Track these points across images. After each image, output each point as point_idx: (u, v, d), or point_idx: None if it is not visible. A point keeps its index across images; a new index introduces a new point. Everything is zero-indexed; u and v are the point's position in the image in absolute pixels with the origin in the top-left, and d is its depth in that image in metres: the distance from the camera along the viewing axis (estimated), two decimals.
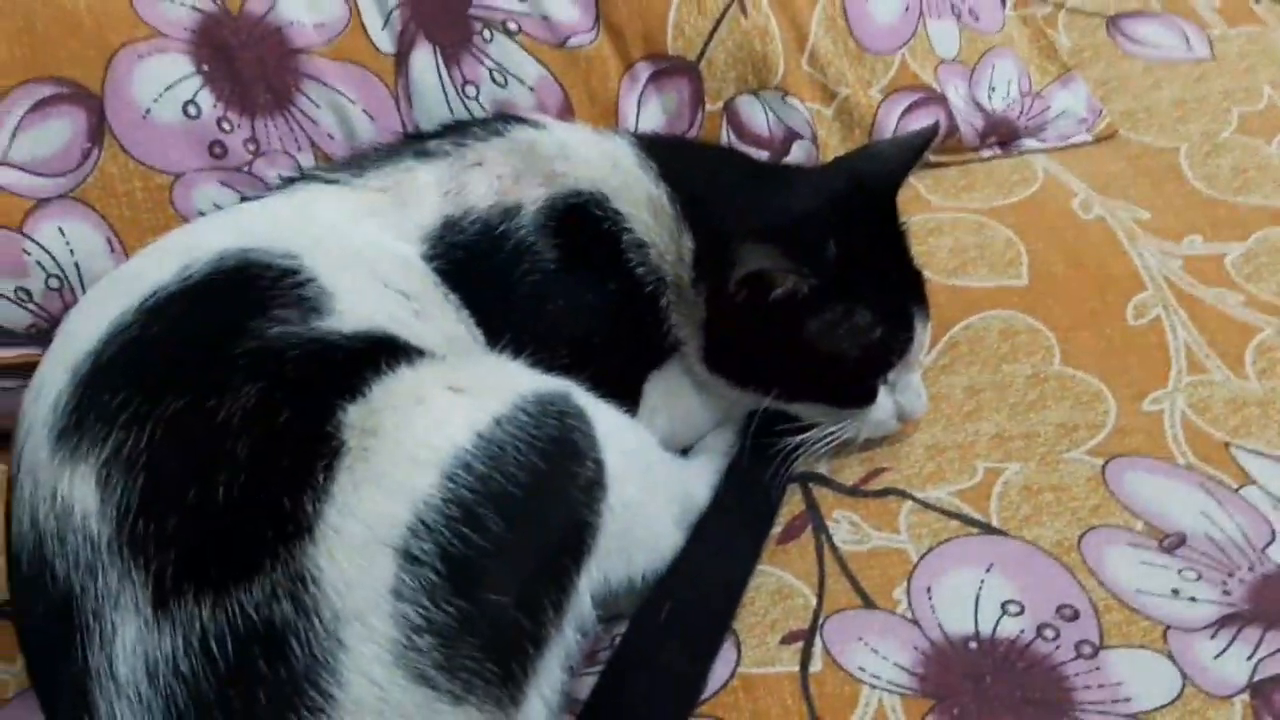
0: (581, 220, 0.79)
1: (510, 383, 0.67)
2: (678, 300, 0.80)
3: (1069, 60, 1.14)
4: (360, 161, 0.82)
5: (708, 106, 0.96)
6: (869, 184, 0.82)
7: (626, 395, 0.78)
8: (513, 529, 0.62)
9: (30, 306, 0.81)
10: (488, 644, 0.61)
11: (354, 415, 0.63)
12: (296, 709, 0.57)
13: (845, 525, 0.80)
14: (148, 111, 0.83)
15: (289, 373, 0.64)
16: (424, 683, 0.59)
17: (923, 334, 0.81)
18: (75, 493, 0.61)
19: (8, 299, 0.80)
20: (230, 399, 0.62)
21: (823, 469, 0.83)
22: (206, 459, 0.61)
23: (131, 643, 0.58)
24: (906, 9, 1.02)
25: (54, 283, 0.81)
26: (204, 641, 0.57)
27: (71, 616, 0.59)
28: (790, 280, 0.74)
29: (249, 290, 0.68)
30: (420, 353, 0.68)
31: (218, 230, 0.74)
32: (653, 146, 0.83)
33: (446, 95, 0.91)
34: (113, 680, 0.58)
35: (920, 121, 1.01)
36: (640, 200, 0.80)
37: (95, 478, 0.60)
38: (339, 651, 0.58)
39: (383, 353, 0.67)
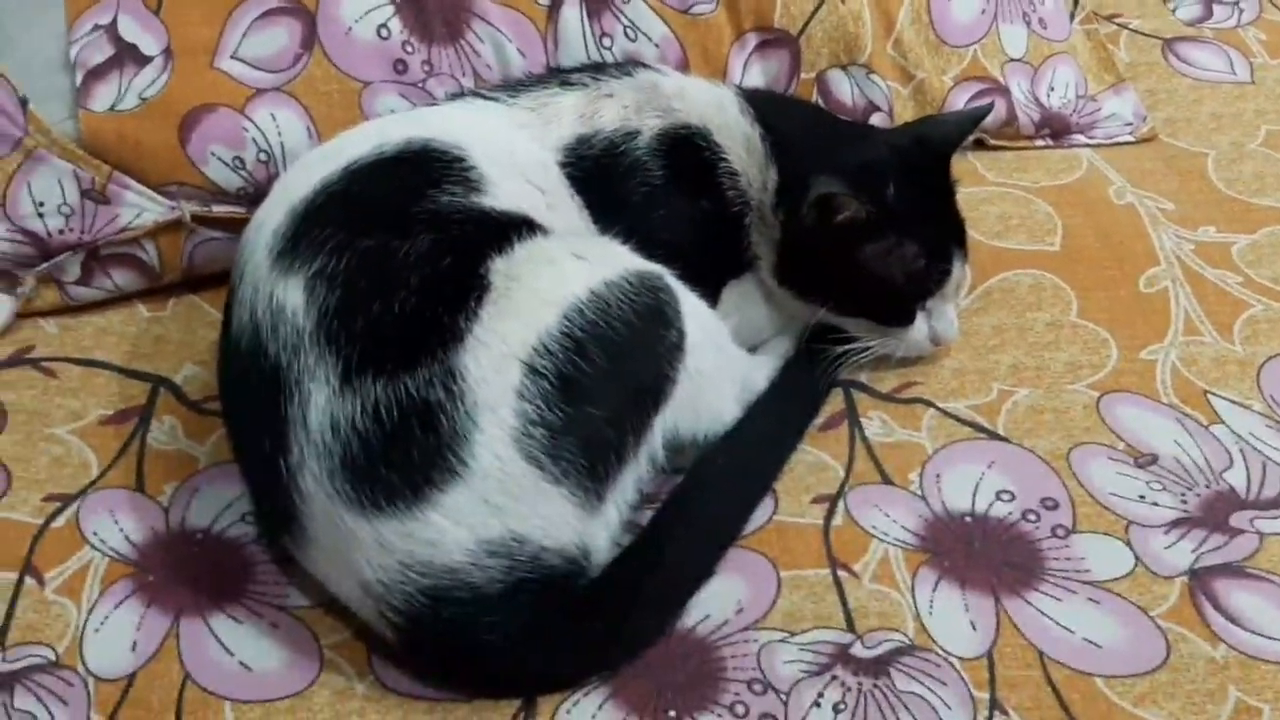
0: (687, 148, 0.97)
1: (620, 259, 0.86)
2: (758, 222, 0.98)
3: (1125, 73, 1.29)
4: (515, 85, 1.01)
5: (802, 76, 1.13)
6: (928, 144, 0.99)
7: (707, 296, 0.94)
8: (609, 364, 0.80)
9: (242, 173, 1.01)
10: (582, 444, 0.78)
11: (500, 264, 0.81)
12: (439, 468, 0.76)
13: (876, 422, 0.96)
14: (350, 29, 1.03)
15: (454, 230, 0.83)
16: (533, 463, 0.77)
17: (960, 272, 0.97)
18: (288, 296, 0.80)
19: (225, 164, 1.01)
20: (409, 243, 0.81)
21: (863, 378, 1.00)
22: (388, 282, 0.79)
23: (322, 404, 0.77)
24: (983, 11, 1.18)
25: (263, 156, 1.01)
26: (375, 408, 0.76)
27: (279, 381, 0.78)
28: (852, 207, 0.91)
29: (428, 167, 0.87)
30: (548, 231, 0.87)
31: (406, 123, 0.94)
32: (753, 97, 1.01)
33: (586, 43, 1.09)
34: (304, 429, 0.77)
35: None
36: (737, 137, 0.98)
37: (304, 286, 0.79)
38: (474, 430, 0.76)
39: (524, 225, 0.85)
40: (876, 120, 1.16)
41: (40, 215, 0.98)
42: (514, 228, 0.84)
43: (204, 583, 0.84)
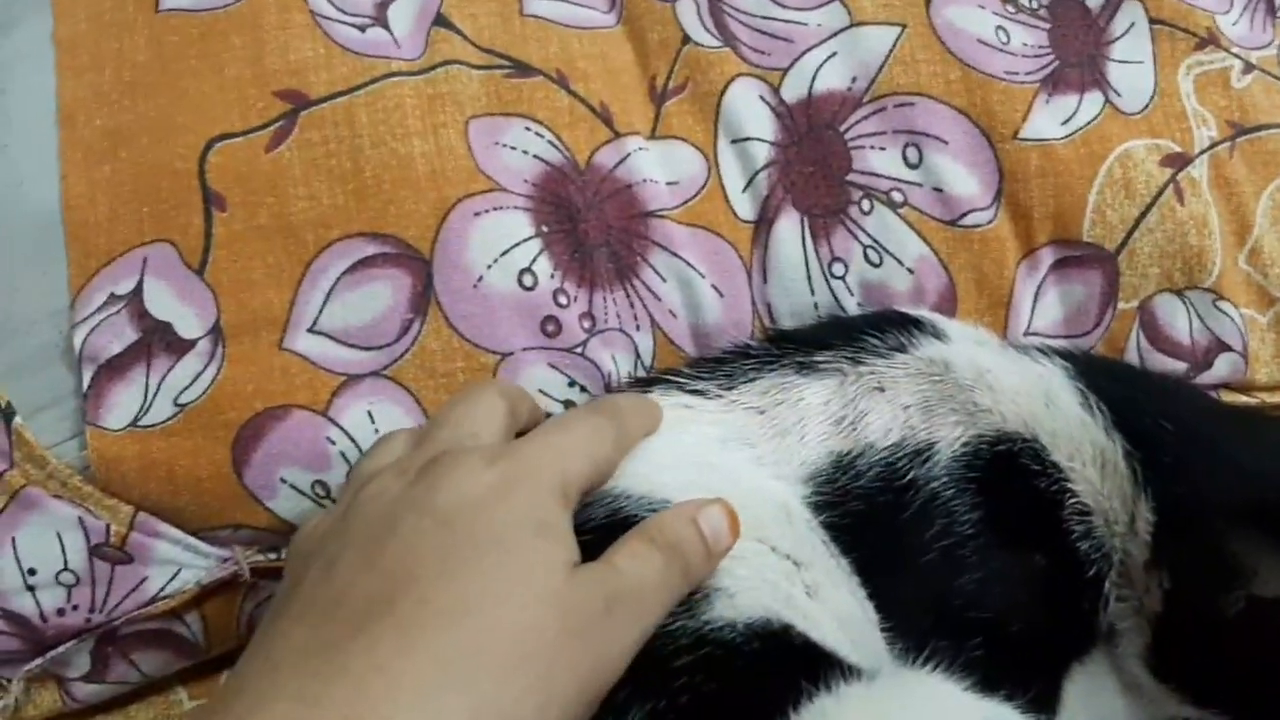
0: (1010, 473, 0.63)
1: (952, 709, 0.51)
2: (1122, 583, 0.63)
3: None
4: (726, 368, 0.67)
5: (1120, 305, 0.79)
6: None
7: (1045, 694, 0.61)
8: None
9: (326, 502, 0.69)
10: None
11: None
12: None
13: None
14: (480, 279, 0.71)
15: (675, 691, 0.50)
16: None
17: None
18: None
19: (302, 493, 0.68)
20: None
21: None
22: None
23: None
24: None
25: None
26: None
27: None
28: None
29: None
30: (828, 660, 0.53)
31: None
32: (1095, 377, 0.66)
33: (809, 271, 0.76)
34: None
35: None
36: (1084, 450, 0.63)
37: None
38: None
39: (791, 662, 0.51)
40: (1223, 365, 0.80)
41: (30, 589, 0.66)
42: (780, 673, 0.50)
43: None
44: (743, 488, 0.60)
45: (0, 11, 0.76)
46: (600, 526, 0.55)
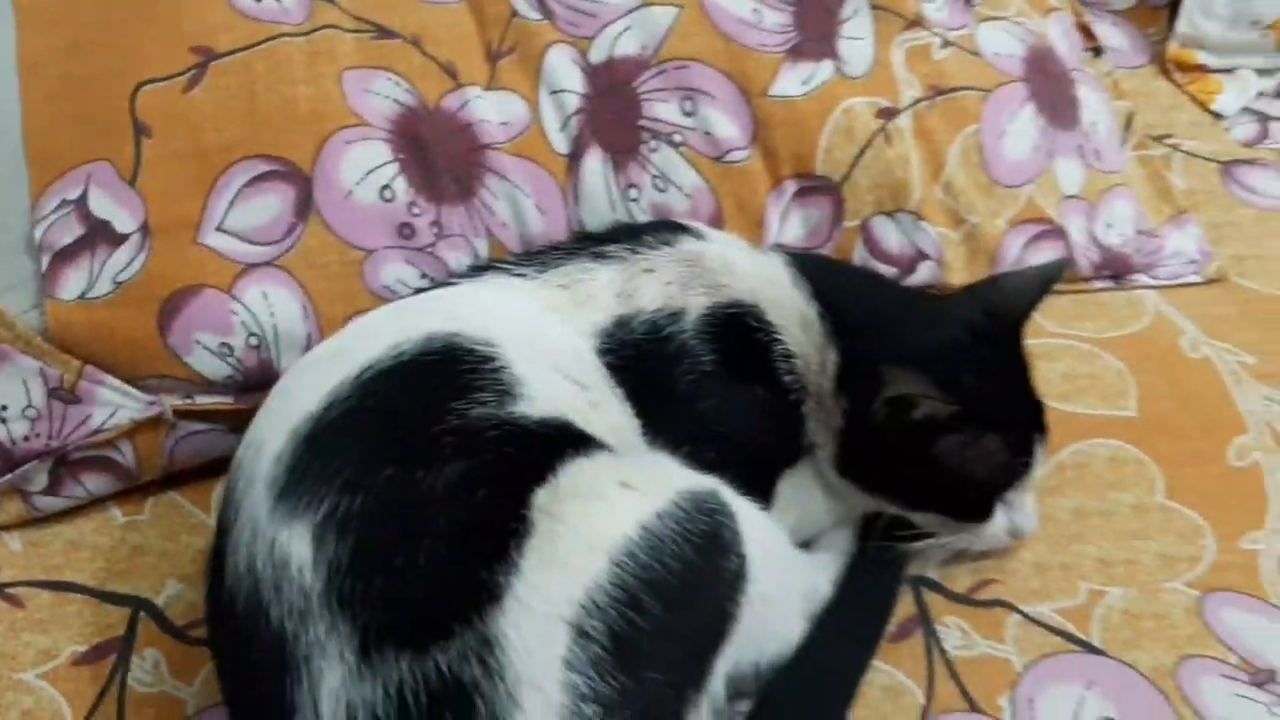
0: (738, 329, 0.86)
1: (670, 480, 0.74)
2: (817, 409, 0.87)
3: (1183, 202, 1.19)
4: (543, 258, 0.90)
5: (845, 223, 1.04)
6: (1001, 316, 0.88)
7: (762, 490, 0.84)
8: (668, 613, 0.69)
9: (230, 360, 0.89)
10: (640, 714, 0.67)
11: (542, 498, 0.70)
12: None
13: (955, 631, 0.86)
14: (349, 193, 0.92)
15: (487, 452, 0.72)
16: None
17: (1041, 459, 0.87)
18: (292, 546, 0.68)
19: (212, 352, 0.89)
20: (435, 473, 0.70)
21: (934, 575, 0.89)
22: (411, 526, 0.68)
23: (335, 687, 0.65)
24: (1036, 148, 1.09)
25: (253, 340, 0.89)
26: (400, 693, 0.64)
27: (283, 657, 0.67)
28: (931, 405, 0.80)
29: (453, 372, 0.76)
30: (593, 442, 0.76)
31: (425, 313, 0.82)
32: (805, 265, 0.91)
33: (610, 195, 0.99)
34: (316, 718, 0.65)
35: (1041, 252, 1.07)
36: (792, 314, 0.87)
37: (310, 535, 0.68)
38: (516, 712, 0.65)
39: (565, 441, 0.74)
40: (925, 269, 1.06)
41: (2, 421, 0.86)
42: (555, 446, 0.73)
43: None
44: (549, 337, 0.83)
45: None
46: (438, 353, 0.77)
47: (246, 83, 0.92)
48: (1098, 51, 1.33)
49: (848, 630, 0.84)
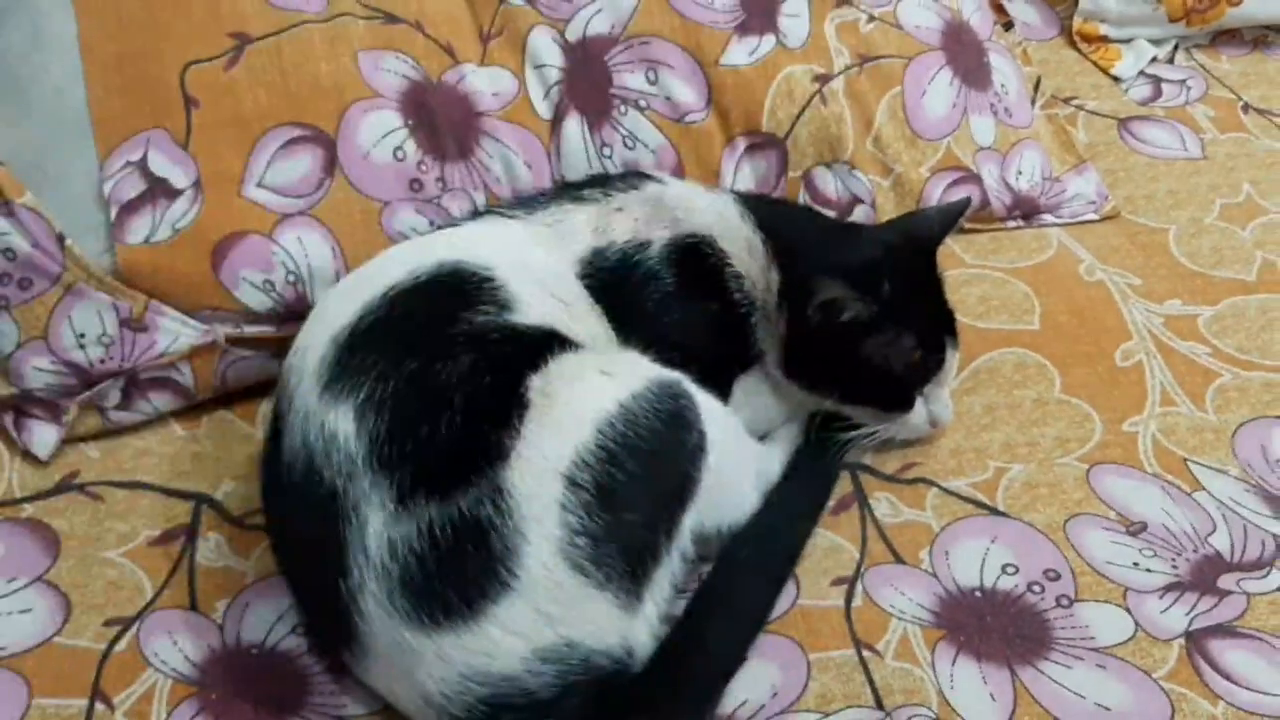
0: (694, 256, 1.03)
1: (641, 370, 0.91)
2: (763, 320, 1.04)
3: (1084, 153, 1.38)
4: (530, 203, 1.07)
5: (790, 174, 1.21)
6: (916, 240, 1.06)
7: (720, 391, 1.01)
8: (641, 471, 0.85)
9: (272, 295, 1.06)
10: (622, 549, 0.84)
11: (536, 381, 0.87)
12: (492, 582, 0.81)
13: (884, 503, 1.03)
14: (368, 153, 1.09)
15: (491, 349, 0.89)
16: (579, 571, 0.82)
17: (953, 358, 1.04)
18: (339, 423, 0.84)
19: (256, 287, 1.05)
20: (451, 364, 0.86)
21: (868, 460, 1.06)
22: (433, 404, 0.85)
23: (379, 527, 0.82)
24: (953, 105, 1.26)
25: (291, 278, 1.06)
26: (430, 529, 0.81)
27: (336, 507, 0.83)
28: (855, 307, 0.97)
29: (461, 289, 0.92)
30: (576, 344, 0.93)
31: (436, 246, 0.99)
32: (750, 202, 1.08)
33: (588, 153, 1.16)
34: (364, 552, 0.82)
35: (959, 195, 1.25)
36: (740, 242, 1.04)
37: (354, 413, 0.84)
38: (522, 543, 0.81)
39: (554, 340, 0.91)
40: (860, 212, 1.23)
41: (82, 346, 1.02)
42: (545, 344, 0.90)
43: (264, 698, 0.88)
44: (536, 265, 1.00)
45: None
46: (448, 275, 0.94)
47: (277, 62, 1.09)
48: (1009, 26, 1.51)
49: (795, 503, 1.01)
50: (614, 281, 1.02)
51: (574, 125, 1.16)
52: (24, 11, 1.10)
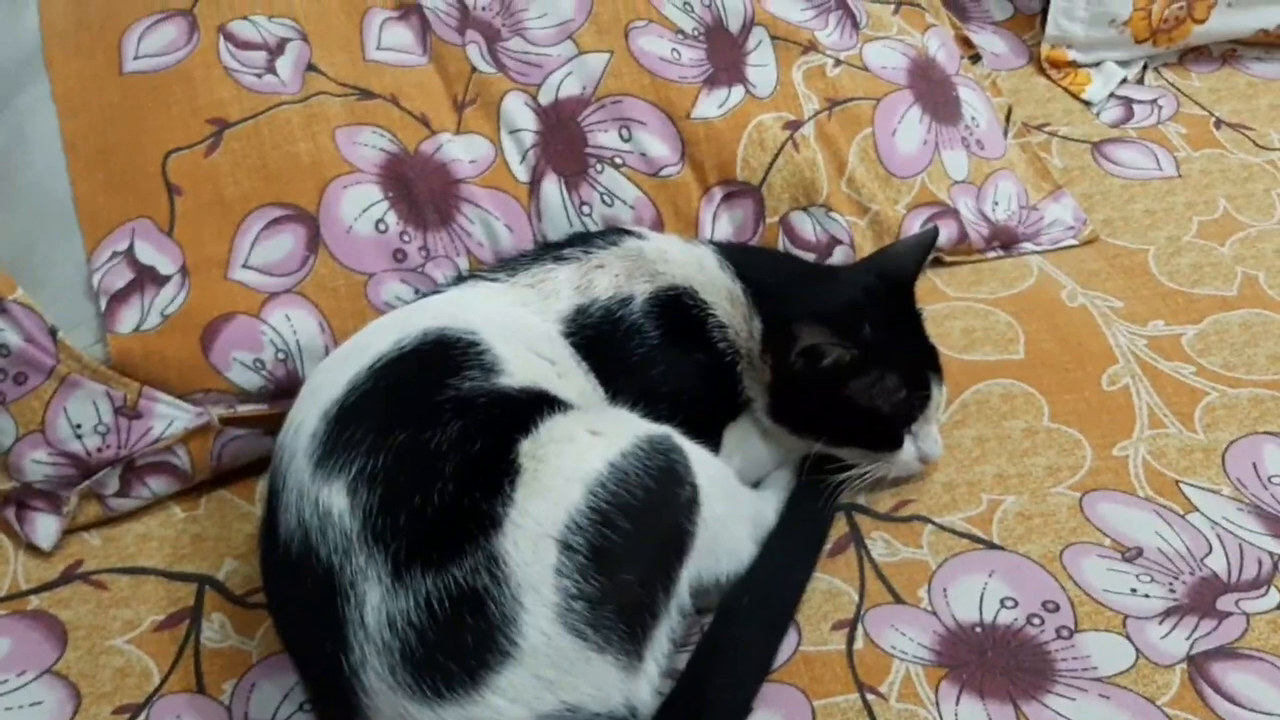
0: (677, 308, 1.05)
1: (630, 428, 0.92)
2: (749, 368, 1.05)
3: (1059, 179, 1.39)
4: (512, 264, 1.08)
5: (767, 220, 1.22)
6: (892, 277, 1.07)
7: (710, 440, 1.02)
8: (635, 530, 0.86)
9: (263, 373, 1.07)
10: (620, 610, 0.84)
11: (526, 446, 0.88)
12: (492, 651, 0.81)
13: (880, 542, 1.03)
14: (350, 228, 1.11)
15: (480, 414, 0.90)
16: (578, 635, 0.83)
17: (939, 394, 1.05)
18: (332, 500, 0.86)
19: (247, 367, 1.07)
20: (440, 432, 0.87)
21: (862, 500, 1.07)
22: (425, 474, 0.86)
23: (377, 602, 0.83)
24: (924, 143, 1.28)
25: (280, 356, 1.07)
26: (428, 601, 0.82)
27: (333, 584, 0.84)
28: (835, 352, 0.99)
29: (447, 355, 0.93)
30: (564, 404, 0.94)
31: (419, 314, 1.00)
32: (729, 251, 1.09)
33: (567, 212, 1.18)
34: (363, 628, 0.82)
35: None
36: (721, 292, 1.06)
37: (347, 489, 0.85)
38: (520, 611, 0.82)
39: (542, 402, 0.92)
40: (840, 252, 1.25)
41: (79, 437, 1.04)
42: (534, 406, 0.91)
43: None
44: (522, 325, 1.01)
45: (9, 81, 1.15)
46: (433, 343, 0.95)
47: (256, 144, 1.11)
48: (976, 58, 1.53)
49: (792, 549, 1.02)
50: (599, 337, 1.03)
51: (552, 186, 1.18)
52: (7, 111, 1.13)
